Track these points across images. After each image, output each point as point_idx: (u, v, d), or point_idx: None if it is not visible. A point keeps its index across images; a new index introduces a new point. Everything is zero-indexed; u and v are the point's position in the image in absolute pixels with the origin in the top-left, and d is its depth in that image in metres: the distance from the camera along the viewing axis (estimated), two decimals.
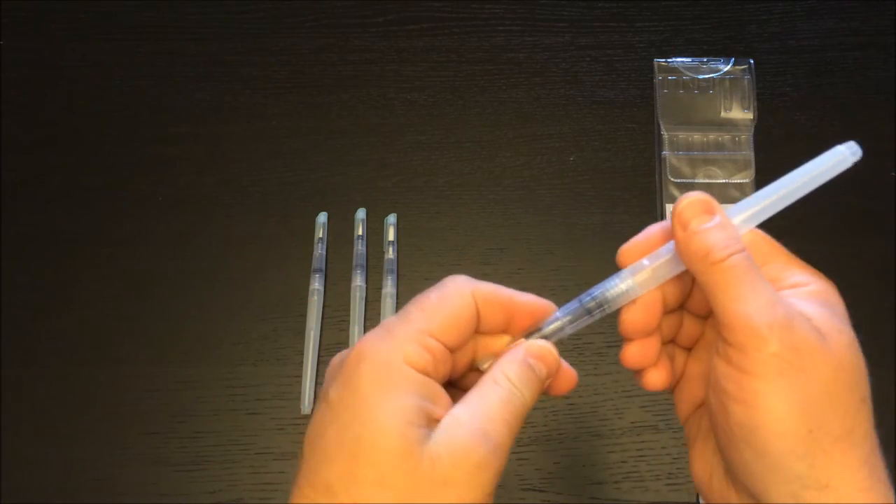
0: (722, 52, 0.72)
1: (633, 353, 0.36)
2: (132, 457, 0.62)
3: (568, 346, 0.62)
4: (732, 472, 0.33)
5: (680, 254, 0.34)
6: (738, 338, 0.31)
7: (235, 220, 0.68)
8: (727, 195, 0.68)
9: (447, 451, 0.28)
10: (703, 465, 0.35)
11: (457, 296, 0.32)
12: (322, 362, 0.64)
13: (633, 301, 0.35)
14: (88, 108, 0.72)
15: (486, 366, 0.34)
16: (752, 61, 0.71)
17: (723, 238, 0.33)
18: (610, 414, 0.62)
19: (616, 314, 0.36)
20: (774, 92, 0.71)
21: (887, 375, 0.61)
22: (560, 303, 0.35)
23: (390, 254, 0.66)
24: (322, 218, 0.68)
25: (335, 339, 0.64)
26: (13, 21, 0.75)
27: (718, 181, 0.68)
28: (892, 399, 0.59)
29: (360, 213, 0.67)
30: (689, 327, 0.38)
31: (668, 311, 0.36)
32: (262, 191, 0.69)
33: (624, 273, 0.36)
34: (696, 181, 0.68)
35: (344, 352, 0.33)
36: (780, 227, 0.67)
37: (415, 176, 0.69)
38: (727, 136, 0.69)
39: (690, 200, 0.34)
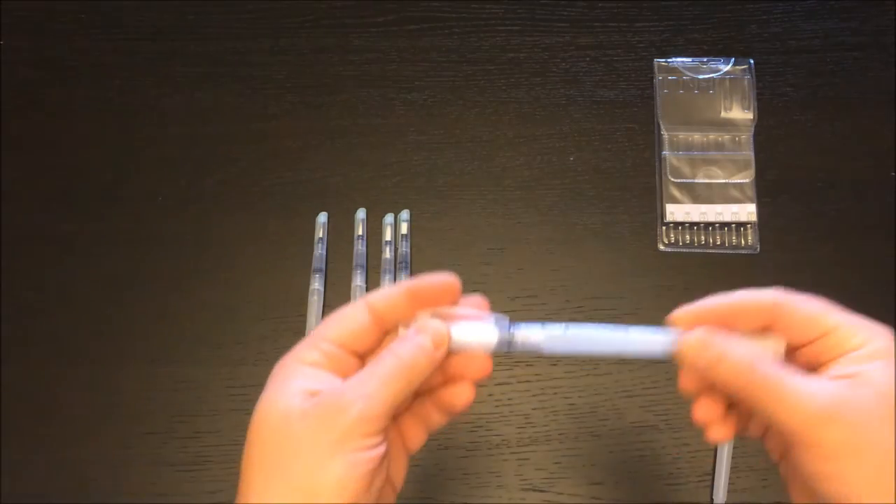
0: (722, 52, 0.72)
1: (697, 411, 0.39)
2: (132, 457, 0.62)
3: None
4: None
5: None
6: (798, 440, 0.34)
7: (235, 220, 0.68)
8: (727, 195, 0.68)
9: (312, 410, 0.36)
10: (805, 499, 0.38)
11: (349, 309, 0.39)
12: None
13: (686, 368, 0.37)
14: (88, 108, 0.72)
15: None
16: (752, 61, 0.71)
17: (736, 363, 0.36)
18: (610, 414, 0.62)
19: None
20: (774, 92, 0.71)
21: None
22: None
23: (387, 254, 0.66)
24: (322, 218, 0.68)
25: None
26: (13, 21, 0.75)
27: (718, 181, 0.68)
28: None
29: (360, 213, 0.67)
30: None
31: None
32: (262, 191, 0.69)
33: (537, 326, 0.38)
34: (696, 181, 0.68)
35: None
36: (780, 226, 0.67)
37: (415, 176, 0.69)
38: (727, 136, 0.69)
39: (688, 346, 0.37)
